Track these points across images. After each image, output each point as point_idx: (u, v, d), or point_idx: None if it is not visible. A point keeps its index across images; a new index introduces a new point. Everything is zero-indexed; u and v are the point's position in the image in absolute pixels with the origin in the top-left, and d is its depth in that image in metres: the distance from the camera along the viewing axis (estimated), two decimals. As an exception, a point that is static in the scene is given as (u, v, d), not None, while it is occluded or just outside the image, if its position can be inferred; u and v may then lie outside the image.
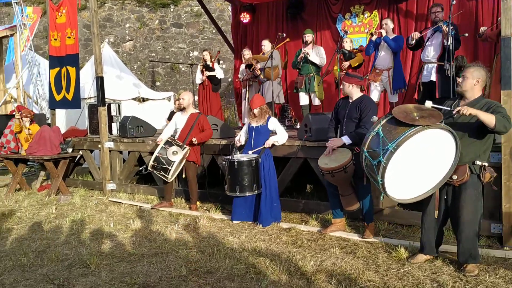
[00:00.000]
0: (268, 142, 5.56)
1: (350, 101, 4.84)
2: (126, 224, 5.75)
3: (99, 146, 7.89)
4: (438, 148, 3.64)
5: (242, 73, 8.75)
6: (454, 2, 5.71)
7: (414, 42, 6.60)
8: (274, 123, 5.67)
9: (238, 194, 5.41)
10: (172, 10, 17.59)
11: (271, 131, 5.69)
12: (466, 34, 6.49)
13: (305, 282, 3.76)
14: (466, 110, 3.55)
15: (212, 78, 8.96)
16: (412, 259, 4.12)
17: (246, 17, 10.39)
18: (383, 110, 8.12)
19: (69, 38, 8.42)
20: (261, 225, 5.41)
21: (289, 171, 6.12)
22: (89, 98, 10.15)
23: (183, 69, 17.01)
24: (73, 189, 8.20)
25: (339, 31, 9.32)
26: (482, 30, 6.53)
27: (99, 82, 7.66)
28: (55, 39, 8.64)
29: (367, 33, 7.24)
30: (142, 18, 17.65)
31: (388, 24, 7.11)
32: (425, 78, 6.62)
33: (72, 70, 8.50)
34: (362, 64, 7.73)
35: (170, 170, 6.10)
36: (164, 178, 6.24)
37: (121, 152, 8.06)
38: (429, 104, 3.70)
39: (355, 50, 7.70)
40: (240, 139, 5.85)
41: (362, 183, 4.71)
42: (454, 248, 4.07)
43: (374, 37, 7.04)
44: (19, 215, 6.32)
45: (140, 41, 17.52)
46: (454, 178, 3.79)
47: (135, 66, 17.27)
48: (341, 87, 4.97)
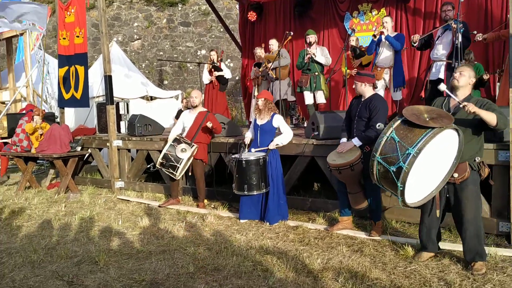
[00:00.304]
0: (271, 144, 5.54)
1: (362, 99, 4.82)
2: (134, 221, 5.80)
3: (108, 144, 7.95)
4: (446, 148, 3.63)
5: (254, 71, 8.77)
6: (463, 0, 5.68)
7: (417, 44, 6.58)
8: (278, 120, 5.65)
9: (246, 193, 5.41)
10: (180, 9, 17.64)
11: (276, 128, 5.69)
12: (475, 32, 6.45)
13: (312, 279, 3.77)
14: (472, 107, 3.57)
15: (220, 78, 8.97)
16: (417, 258, 4.12)
17: (253, 16, 10.41)
18: (390, 109, 8.09)
19: (77, 37, 8.48)
20: (268, 223, 5.43)
21: (296, 169, 6.12)
22: (97, 96, 10.23)
23: (191, 67, 17.07)
24: (82, 187, 8.28)
25: (347, 29, 9.29)
26: (478, 37, 6.48)
27: (108, 80, 7.71)
28: (64, 38, 8.71)
29: (375, 30, 7.21)
30: (150, 17, 17.72)
31: (388, 22, 7.09)
32: (433, 76, 6.59)
33: (80, 69, 8.57)
34: (371, 62, 7.72)
35: (179, 167, 6.13)
36: (172, 175, 6.28)
37: (129, 150, 8.12)
38: (443, 87, 3.77)
39: (364, 48, 7.69)
40: (246, 138, 5.85)
41: (370, 182, 4.69)
42: (461, 246, 4.06)
43: (376, 37, 7.03)
44: (29, 213, 6.39)
45: (148, 40, 17.60)
46: (455, 176, 3.79)
47: (143, 65, 17.35)
48: (353, 87, 4.93)
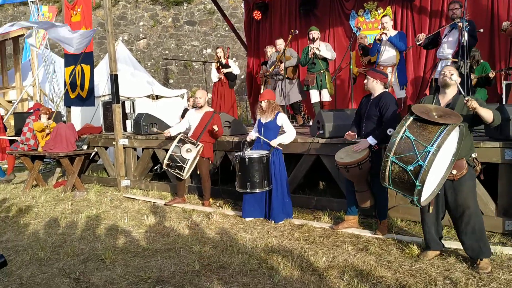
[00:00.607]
0: (274, 142, 5.54)
1: (372, 97, 4.79)
2: (140, 220, 5.82)
3: (114, 143, 7.99)
4: (449, 146, 3.63)
5: (262, 69, 8.77)
6: None
7: (422, 43, 6.54)
8: (282, 119, 5.65)
9: (249, 190, 5.42)
10: (185, 8, 17.67)
11: (280, 127, 5.69)
12: (481, 30, 6.42)
13: (317, 278, 3.78)
14: (474, 103, 3.61)
15: (228, 75, 8.96)
16: (422, 256, 4.12)
17: (258, 15, 10.41)
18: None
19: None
20: (273, 221, 5.44)
21: (301, 168, 6.13)
22: (103, 95, 10.27)
23: (196, 66, 17.10)
24: (88, 185, 8.33)
25: (352, 28, 9.28)
26: (505, 25, 6.44)
27: (114, 79, 7.74)
28: (70, 38, 8.74)
29: (381, 29, 7.19)
30: (155, 16, 17.76)
31: (388, 22, 7.08)
32: (438, 74, 6.57)
33: (86, 68, 8.62)
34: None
35: (185, 167, 6.14)
36: (179, 176, 6.29)
37: (135, 149, 8.15)
38: (457, 79, 3.84)
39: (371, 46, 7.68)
40: (251, 136, 5.85)
41: (378, 180, 4.66)
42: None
43: (380, 41, 7.02)
44: (36, 211, 6.44)
45: (153, 39, 17.65)
46: (454, 172, 3.80)
47: (149, 64, 17.40)
48: (364, 82, 4.90)
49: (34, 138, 8.23)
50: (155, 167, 7.83)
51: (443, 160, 3.65)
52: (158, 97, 11.53)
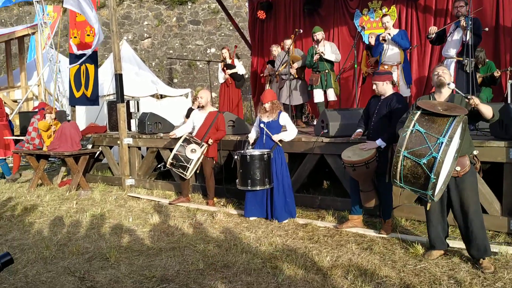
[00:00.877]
0: (276, 137, 5.57)
1: (382, 98, 4.78)
2: (144, 218, 5.84)
3: (118, 142, 8.01)
4: (455, 140, 3.63)
5: (267, 68, 8.77)
6: None
7: (433, 36, 6.50)
8: (285, 118, 5.67)
9: (249, 188, 5.42)
10: (189, 7, 17.69)
11: (282, 126, 5.71)
12: (486, 29, 6.39)
13: (321, 277, 3.78)
14: (476, 100, 3.63)
15: (234, 75, 8.94)
16: (427, 256, 4.11)
17: (263, 14, 10.41)
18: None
19: (88, 36, 8.55)
20: (276, 220, 5.45)
21: (305, 167, 6.12)
22: (108, 95, 10.30)
23: (201, 66, 17.11)
24: (93, 184, 8.36)
25: (357, 27, 9.27)
26: None
27: (118, 79, 7.77)
28: (75, 37, 8.79)
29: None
30: (160, 16, 17.79)
31: (389, 21, 7.08)
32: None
33: (91, 68, 8.65)
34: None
35: (189, 167, 6.15)
36: (182, 175, 6.30)
37: (139, 148, 8.17)
38: (452, 85, 3.85)
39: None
40: (251, 135, 5.87)
41: (383, 180, 4.65)
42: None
43: (386, 42, 7.01)
44: (41, 210, 6.47)
45: (158, 38, 17.68)
46: (458, 169, 3.80)
47: (153, 63, 17.43)
48: (373, 88, 4.89)
49: (39, 138, 8.27)
50: (159, 165, 7.85)
51: (449, 156, 3.64)
52: (162, 96, 11.55)
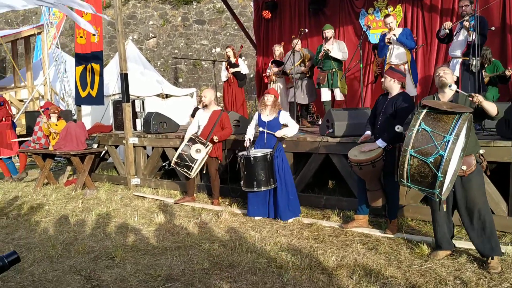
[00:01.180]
0: (279, 133, 5.60)
1: (389, 97, 4.75)
2: (150, 218, 5.85)
3: (124, 141, 8.04)
4: (461, 138, 3.61)
5: (270, 68, 8.76)
6: None
7: (447, 32, 6.41)
8: (285, 117, 5.70)
9: (255, 189, 5.45)
10: (194, 7, 17.70)
11: (282, 125, 5.73)
12: (493, 28, 6.34)
13: (326, 277, 3.77)
14: (480, 98, 3.61)
15: (237, 74, 8.95)
16: (433, 256, 4.10)
17: (268, 13, 10.41)
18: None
19: (94, 35, 8.57)
20: (281, 219, 5.45)
21: (310, 167, 6.12)
22: (113, 94, 10.34)
23: (206, 65, 17.12)
24: (98, 183, 8.38)
25: (362, 26, 9.24)
26: None
27: (124, 78, 7.78)
28: (81, 37, 8.81)
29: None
30: (165, 15, 17.82)
31: (392, 22, 7.04)
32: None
33: (96, 67, 8.67)
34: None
35: (193, 167, 6.16)
36: (186, 175, 6.31)
37: (145, 147, 8.19)
38: (454, 87, 3.82)
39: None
40: (248, 134, 5.90)
41: (391, 179, 4.63)
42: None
43: (391, 43, 6.98)
44: (47, 209, 6.50)
45: (163, 38, 17.71)
46: (464, 168, 3.78)
47: (158, 63, 17.46)
48: (381, 80, 4.88)
49: (45, 137, 8.31)
50: (164, 164, 7.87)
51: (456, 154, 3.63)
52: (167, 96, 11.58)
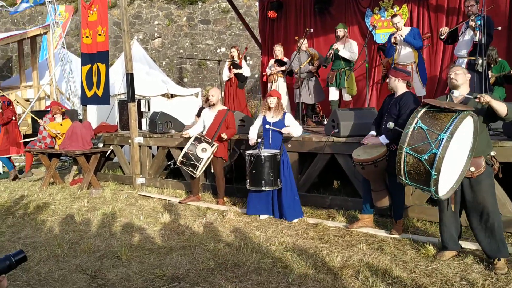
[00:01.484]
0: (286, 129, 5.61)
1: (395, 97, 4.73)
2: (155, 217, 5.86)
3: (129, 141, 8.06)
4: (464, 138, 3.59)
5: (270, 67, 8.75)
6: None
7: (444, 37, 6.45)
8: (289, 119, 5.71)
9: (263, 188, 5.45)
10: (199, 7, 17.72)
11: (286, 126, 5.72)
12: (499, 28, 6.31)
13: (331, 277, 3.76)
14: (487, 97, 3.58)
15: (238, 75, 8.97)
16: (439, 257, 4.08)
17: (273, 13, 10.41)
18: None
19: (99, 35, 8.60)
20: (286, 219, 5.45)
21: (316, 167, 6.11)
22: (119, 94, 10.36)
23: (211, 65, 17.14)
24: (104, 183, 8.41)
25: (368, 26, 9.22)
26: None
27: (129, 78, 7.81)
28: (87, 37, 8.84)
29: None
30: (170, 15, 17.85)
31: (399, 21, 7.02)
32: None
33: (102, 67, 8.69)
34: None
35: (199, 166, 6.17)
36: (192, 174, 6.32)
37: (150, 147, 8.21)
38: (457, 93, 3.80)
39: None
40: (252, 135, 5.90)
41: (395, 179, 4.60)
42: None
43: (398, 43, 6.96)
44: (53, 208, 6.53)
45: (168, 38, 17.74)
46: (472, 170, 3.76)
47: (164, 63, 17.50)
48: (387, 81, 4.87)
49: (50, 137, 8.34)
50: (169, 163, 7.89)
51: (460, 154, 3.61)
52: (172, 95, 11.59)
